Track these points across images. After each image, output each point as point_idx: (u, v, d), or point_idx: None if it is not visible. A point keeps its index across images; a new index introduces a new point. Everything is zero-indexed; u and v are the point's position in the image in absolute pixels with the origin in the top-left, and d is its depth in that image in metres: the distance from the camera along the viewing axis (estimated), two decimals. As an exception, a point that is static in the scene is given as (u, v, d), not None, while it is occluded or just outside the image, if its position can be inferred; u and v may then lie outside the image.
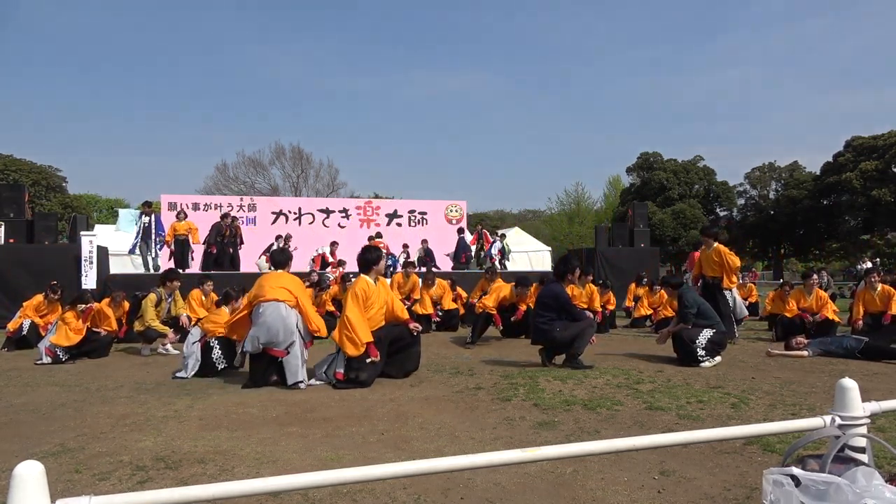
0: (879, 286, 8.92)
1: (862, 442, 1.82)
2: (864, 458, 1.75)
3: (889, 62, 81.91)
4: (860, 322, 8.96)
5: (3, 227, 12.66)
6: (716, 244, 8.63)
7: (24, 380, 6.19)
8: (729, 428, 1.90)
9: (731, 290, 8.62)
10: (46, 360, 7.27)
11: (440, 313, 10.92)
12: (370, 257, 6.09)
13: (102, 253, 12.80)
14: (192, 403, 4.93)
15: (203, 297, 9.20)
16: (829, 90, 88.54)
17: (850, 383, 1.91)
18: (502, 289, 9.34)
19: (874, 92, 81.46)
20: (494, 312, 9.01)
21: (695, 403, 4.66)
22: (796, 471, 1.46)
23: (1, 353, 8.33)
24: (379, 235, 16.30)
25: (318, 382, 5.73)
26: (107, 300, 8.72)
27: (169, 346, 8.19)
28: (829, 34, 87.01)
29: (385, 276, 8.72)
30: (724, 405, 4.61)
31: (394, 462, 1.47)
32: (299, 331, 5.80)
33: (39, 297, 9.01)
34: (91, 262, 12.21)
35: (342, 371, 5.60)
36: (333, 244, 15.05)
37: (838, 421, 1.85)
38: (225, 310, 7.13)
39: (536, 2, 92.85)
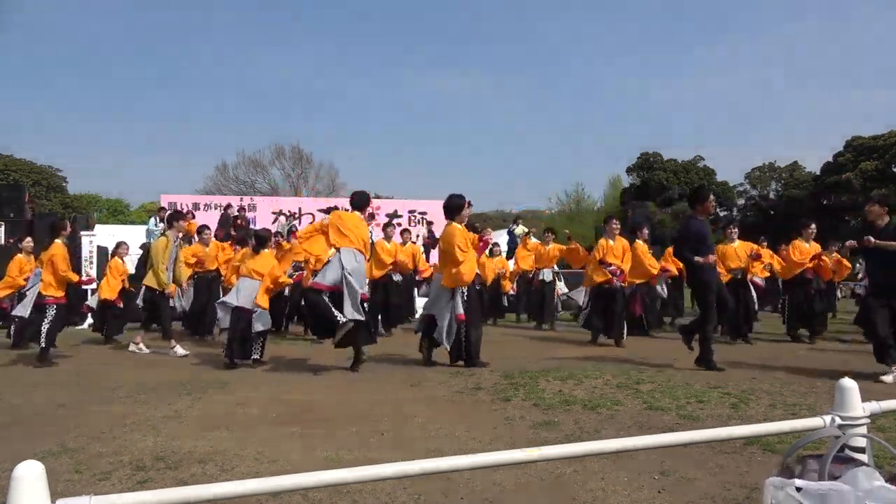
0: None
1: (862, 442, 1.82)
2: (863, 458, 1.74)
3: (889, 62, 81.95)
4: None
5: (3, 227, 12.66)
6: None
7: (24, 380, 6.19)
8: (729, 428, 1.89)
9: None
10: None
11: None
12: (457, 203, 6.37)
13: (102, 253, 12.79)
14: (192, 403, 4.94)
15: (205, 249, 9.31)
16: (829, 90, 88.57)
17: (850, 383, 1.91)
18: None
19: (874, 92, 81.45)
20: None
21: (695, 403, 4.66)
22: (799, 482, 1.46)
23: (1, 353, 8.32)
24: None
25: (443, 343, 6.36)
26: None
27: (178, 348, 7.97)
28: (828, 34, 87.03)
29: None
30: (724, 405, 4.61)
31: (394, 462, 1.47)
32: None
33: (18, 257, 8.95)
34: (91, 262, 12.23)
35: (462, 312, 6.26)
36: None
37: (838, 421, 1.85)
38: (267, 252, 7.10)
39: (536, 2, 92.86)
